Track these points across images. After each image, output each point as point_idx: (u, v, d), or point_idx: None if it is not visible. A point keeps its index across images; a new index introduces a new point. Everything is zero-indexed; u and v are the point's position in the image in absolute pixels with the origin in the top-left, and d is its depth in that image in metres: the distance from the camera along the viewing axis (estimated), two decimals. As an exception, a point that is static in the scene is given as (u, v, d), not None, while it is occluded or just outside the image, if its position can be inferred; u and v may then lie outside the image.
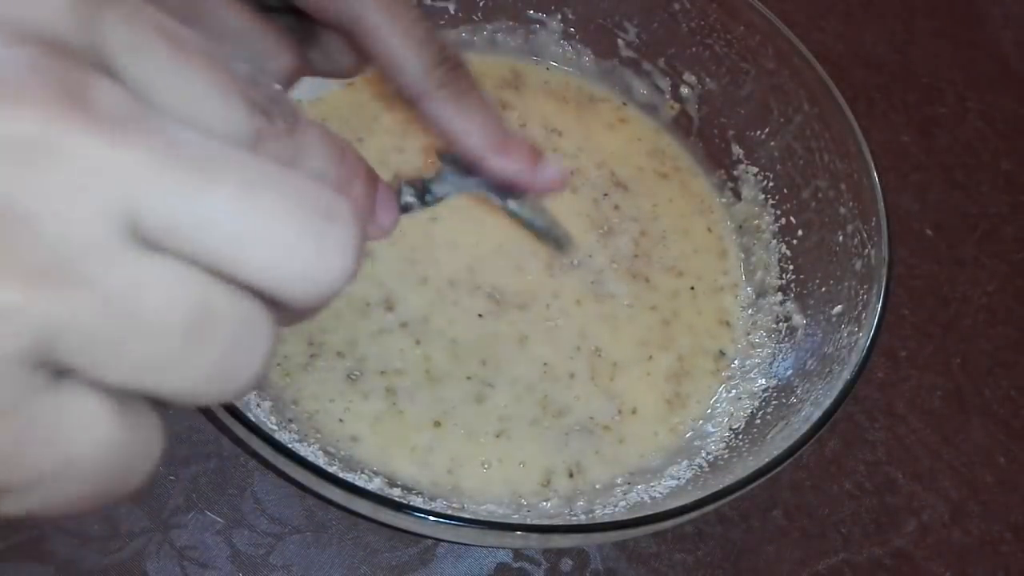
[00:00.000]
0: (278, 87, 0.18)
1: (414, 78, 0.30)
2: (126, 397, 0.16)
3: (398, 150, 0.49)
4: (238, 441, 0.41)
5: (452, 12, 0.52)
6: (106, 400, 0.15)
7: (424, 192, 0.29)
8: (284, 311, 0.18)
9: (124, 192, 0.14)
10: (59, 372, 0.15)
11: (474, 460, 0.40)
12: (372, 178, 0.20)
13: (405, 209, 0.28)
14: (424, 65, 0.30)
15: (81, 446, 0.15)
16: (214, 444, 0.42)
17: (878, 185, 0.42)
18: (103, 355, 0.15)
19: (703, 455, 0.41)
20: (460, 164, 0.30)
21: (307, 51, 0.34)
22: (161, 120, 0.15)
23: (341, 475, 0.34)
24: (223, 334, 0.16)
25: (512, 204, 0.31)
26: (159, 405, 0.17)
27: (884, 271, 0.39)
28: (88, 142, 0.14)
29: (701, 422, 0.43)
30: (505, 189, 0.30)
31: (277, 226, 0.16)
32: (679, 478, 0.40)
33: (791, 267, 0.47)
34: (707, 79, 0.51)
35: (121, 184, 0.14)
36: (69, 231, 0.14)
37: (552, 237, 0.33)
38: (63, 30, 0.15)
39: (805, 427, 0.36)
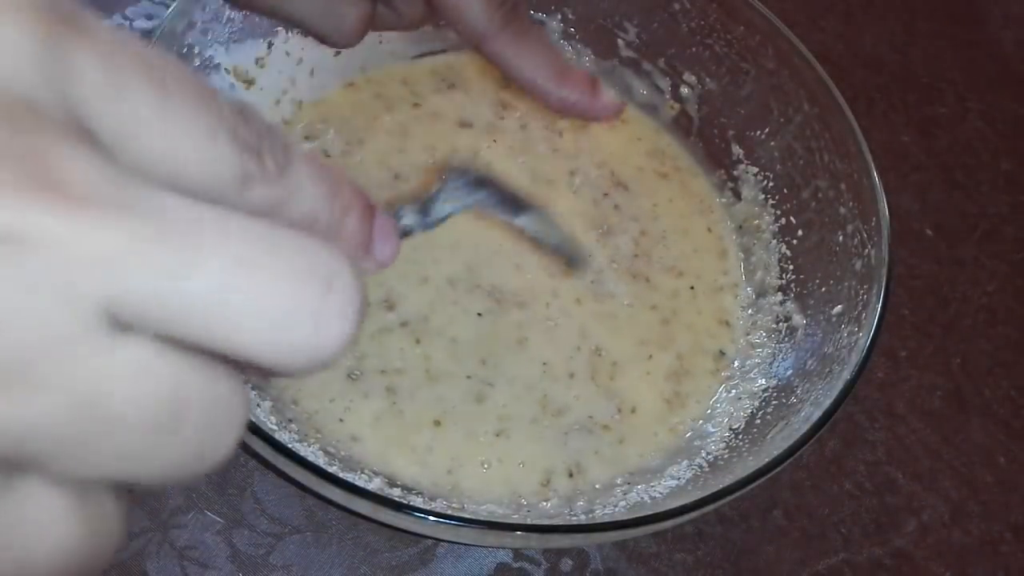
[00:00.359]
0: (267, 121, 0.17)
1: (478, 21, 0.33)
2: (87, 490, 0.15)
3: (398, 150, 0.49)
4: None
5: (452, 12, 0.52)
6: (66, 497, 0.14)
7: (425, 213, 0.28)
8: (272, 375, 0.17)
9: (100, 280, 0.13)
10: (12, 471, 0.14)
11: (474, 460, 0.40)
12: (368, 209, 0.19)
13: (405, 233, 0.27)
14: (486, 9, 0.33)
15: (39, 549, 0.14)
16: (214, 444, 0.42)
17: (878, 185, 0.42)
18: (70, 453, 0.13)
19: (703, 455, 0.41)
20: (467, 179, 0.29)
21: (378, 9, 0.36)
22: (140, 189, 0.13)
23: (341, 475, 0.34)
24: (197, 419, 0.14)
25: (521, 220, 0.30)
26: (121, 490, 0.16)
27: (884, 271, 0.39)
28: (59, 230, 0.12)
29: (701, 422, 0.43)
30: (510, 204, 0.29)
31: (272, 300, 0.14)
32: (679, 478, 0.40)
33: (791, 267, 0.47)
34: (707, 79, 0.51)
35: (97, 272, 0.13)
36: (36, 330, 0.12)
37: (564, 253, 0.32)
38: (26, 83, 0.13)
39: (805, 427, 0.36)
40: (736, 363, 0.45)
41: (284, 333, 0.14)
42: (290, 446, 0.34)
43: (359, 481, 0.36)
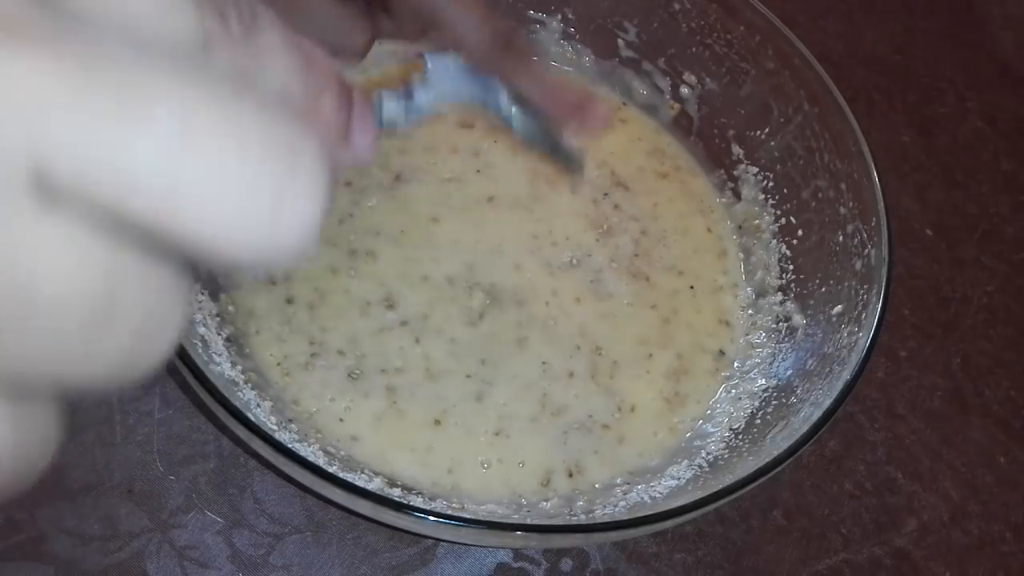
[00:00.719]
0: None
1: (477, 50, 0.33)
2: (19, 397, 0.13)
3: (399, 151, 0.49)
4: (238, 441, 0.41)
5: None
6: None
7: (408, 100, 0.24)
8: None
9: (25, 125, 0.11)
10: None
11: (474, 459, 0.40)
12: (345, 90, 0.17)
13: (387, 125, 0.24)
14: (484, 39, 0.34)
15: None
16: (214, 444, 0.42)
17: (878, 185, 0.42)
18: None
19: (703, 455, 0.41)
20: (451, 66, 0.25)
21: (380, 21, 0.37)
22: (76, 26, 0.12)
23: (341, 475, 0.34)
24: (133, 314, 0.13)
25: (515, 117, 0.27)
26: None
27: (884, 271, 0.39)
28: None
29: (701, 422, 0.43)
30: (501, 95, 0.27)
31: (226, 173, 0.12)
32: (679, 478, 0.40)
33: (791, 267, 0.47)
34: (707, 79, 0.51)
35: (22, 115, 0.11)
36: None
37: (561, 155, 0.31)
38: None
39: (805, 427, 0.36)
40: (736, 363, 0.45)
41: (237, 216, 0.12)
42: (290, 446, 0.34)
43: (359, 481, 0.36)
